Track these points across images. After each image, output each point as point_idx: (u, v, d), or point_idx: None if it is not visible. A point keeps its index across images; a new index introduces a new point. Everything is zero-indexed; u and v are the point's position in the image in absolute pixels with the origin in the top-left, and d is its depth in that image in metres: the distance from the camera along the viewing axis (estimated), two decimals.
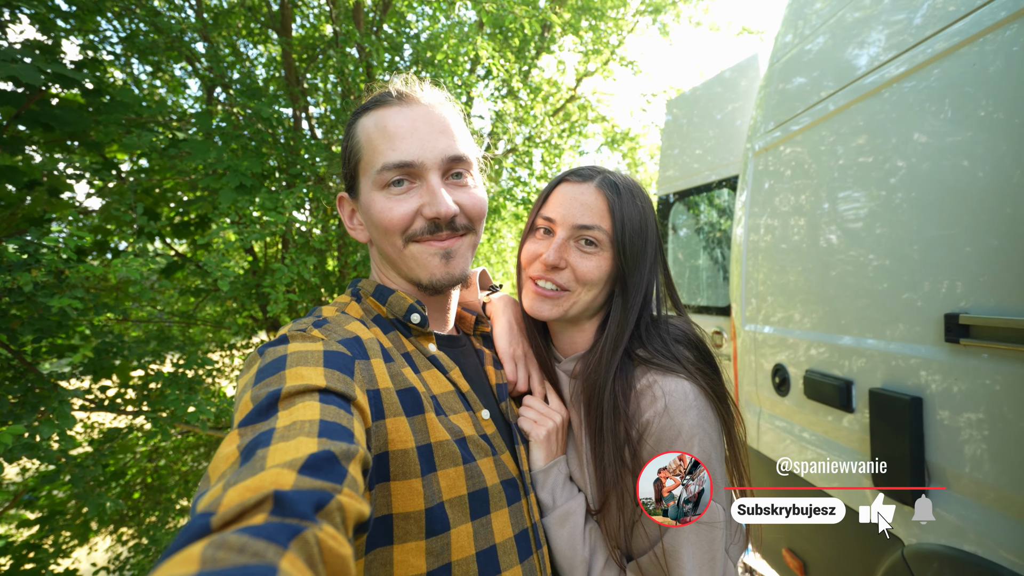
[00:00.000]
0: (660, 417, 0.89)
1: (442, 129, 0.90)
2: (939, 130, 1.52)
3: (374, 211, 0.90)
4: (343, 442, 0.56)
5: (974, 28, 1.42)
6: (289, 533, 0.41)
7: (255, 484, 0.46)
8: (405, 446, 0.76)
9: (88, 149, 3.28)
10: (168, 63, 4.85)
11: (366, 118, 0.93)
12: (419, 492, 0.75)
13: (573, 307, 1.01)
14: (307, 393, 0.63)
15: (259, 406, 0.60)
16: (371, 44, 4.38)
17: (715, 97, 4.14)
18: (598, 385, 0.96)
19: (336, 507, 0.47)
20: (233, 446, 0.55)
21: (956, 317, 1.38)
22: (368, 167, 0.90)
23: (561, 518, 0.94)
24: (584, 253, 0.99)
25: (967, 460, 1.37)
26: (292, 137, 4.35)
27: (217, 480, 0.51)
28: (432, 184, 0.88)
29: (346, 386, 0.68)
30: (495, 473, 0.87)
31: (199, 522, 0.41)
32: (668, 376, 0.92)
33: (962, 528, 1.37)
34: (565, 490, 0.98)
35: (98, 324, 3.45)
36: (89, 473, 2.95)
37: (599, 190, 1.00)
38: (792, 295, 2.24)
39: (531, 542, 0.89)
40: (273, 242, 5.11)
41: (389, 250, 0.93)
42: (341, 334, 0.82)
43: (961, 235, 1.42)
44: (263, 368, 0.69)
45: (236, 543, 0.38)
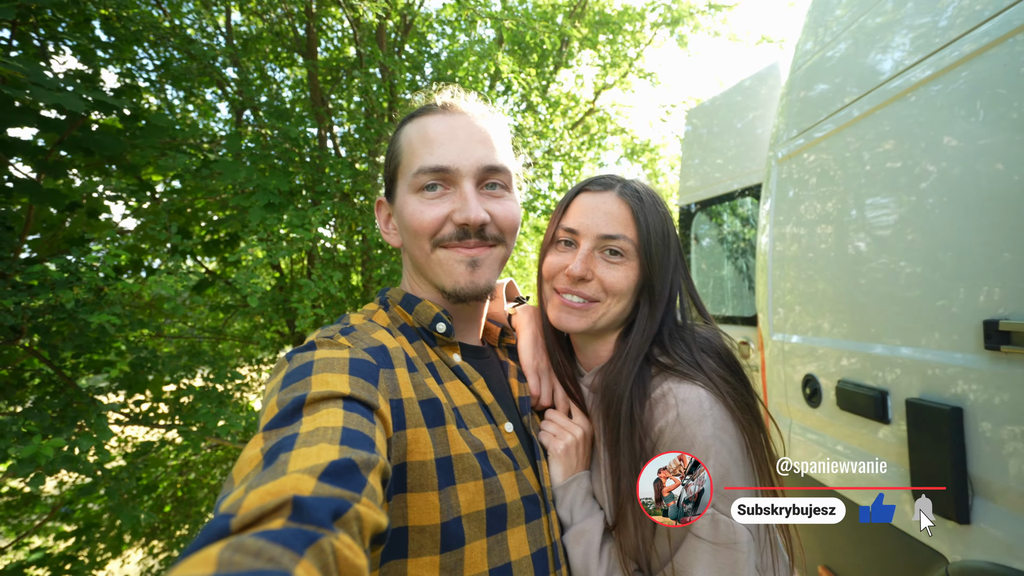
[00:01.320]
0: (672, 426, 0.85)
1: (482, 139, 0.91)
2: (970, 133, 1.49)
3: (406, 213, 0.90)
4: (364, 451, 0.56)
5: (1003, 29, 1.39)
6: (306, 540, 0.41)
7: (275, 488, 0.46)
8: (424, 458, 0.75)
9: (124, 172, 3.42)
10: (200, 88, 5.04)
11: (410, 125, 0.94)
12: (435, 506, 0.74)
13: (602, 319, 0.98)
14: (331, 400, 0.63)
15: (284, 411, 0.61)
16: (393, 64, 4.49)
17: (735, 106, 4.12)
18: (616, 395, 0.93)
19: (354, 516, 0.47)
20: (257, 449, 0.56)
21: (996, 324, 1.34)
22: (406, 171, 0.91)
23: (576, 536, 0.91)
24: (610, 263, 0.97)
25: (1014, 471, 1.31)
26: (317, 156, 4.47)
27: (240, 482, 0.51)
28: (465, 191, 0.88)
29: (370, 394, 0.68)
30: (516, 488, 0.85)
31: (219, 524, 0.42)
32: (684, 383, 0.88)
33: (1010, 544, 1.31)
34: (584, 507, 0.94)
35: (133, 340, 3.56)
36: (124, 486, 3.02)
37: (621, 198, 0.98)
38: (821, 304, 2.20)
39: (549, 561, 0.86)
40: (299, 258, 5.22)
41: (417, 254, 0.92)
42: (367, 342, 0.82)
43: (997, 240, 1.38)
44: (290, 373, 0.70)
45: (253, 547, 0.38)
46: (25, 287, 2.36)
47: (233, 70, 4.94)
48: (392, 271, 4.55)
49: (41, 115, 2.74)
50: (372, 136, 4.63)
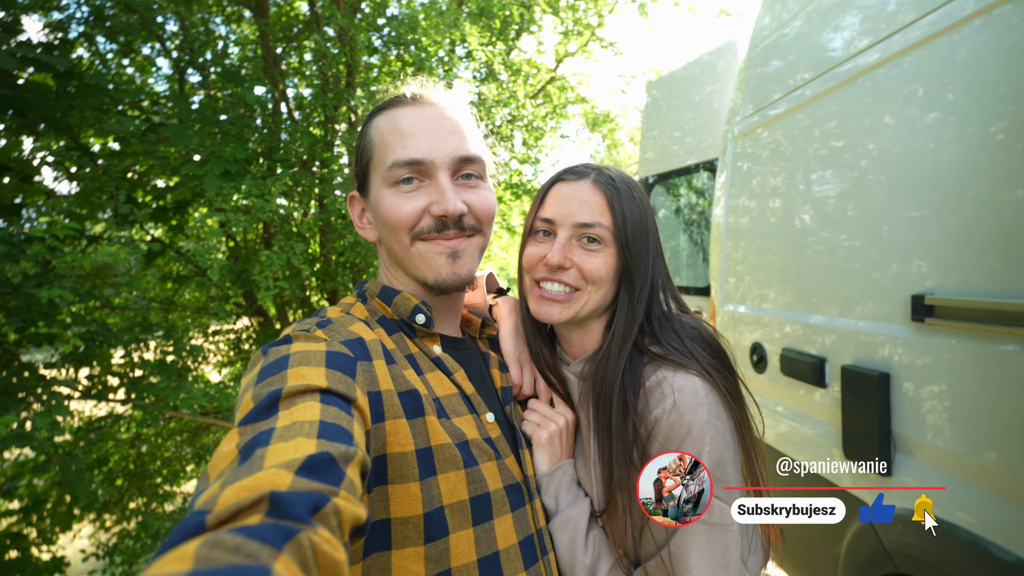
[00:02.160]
0: (669, 414, 0.86)
1: (454, 129, 0.91)
2: (909, 115, 1.58)
3: (382, 208, 0.90)
4: (342, 444, 0.55)
5: (945, 20, 1.47)
6: (284, 535, 0.40)
7: (252, 484, 0.45)
8: (403, 449, 0.75)
9: (59, 133, 3.19)
10: (137, 42, 4.68)
11: (380, 118, 0.93)
12: (417, 496, 0.74)
13: (584, 308, 0.99)
14: (308, 393, 0.63)
15: (259, 405, 0.60)
16: (352, 27, 4.29)
17: (694, 80, 4.18)
18: (607, 383, 0.93)
19: (332, 510, 0.47)
20: (232, 444, 0.55)
21: (922, 298, 1.47)
22: (379, 164, 0.91)
23: (563, 523, 0.92)
24: (588, 251, 0.97)
25: (929, 430, 1.47)
26: (272, 121, 4.26)
27: (215, 479, 0.51)
28: (441, 183, 0.88)
29: (347, 387, 0.68)
30: (499, 478, 0.85)
31: (194, 520, 0.41)
32: (679, 372, 0.90)
33: (923, 492, 1.48)
34: (569, 494, 0.95)
35: (79, 312, 3.39)
36: (77, 461, 2.93)
37: (596, 186, 0.99)
38: (768, 275, 2.33)
39: (536, 548, 0.88)
40: (253, 228, 5.05)
41: (396, 248, 0.92)
42: (344, 335, 0.81)
43: (928, 217, 1.50)
44: (265, 367, 0.69)
45: (231, 543, 0.38)
46: None
47: (174, 23, 4.61)
48: (356, 242, 4.46)
49: None
50: (330, 101, 4.45)
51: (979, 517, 1.33)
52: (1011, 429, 1.26)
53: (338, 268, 4.93)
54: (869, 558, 1.64)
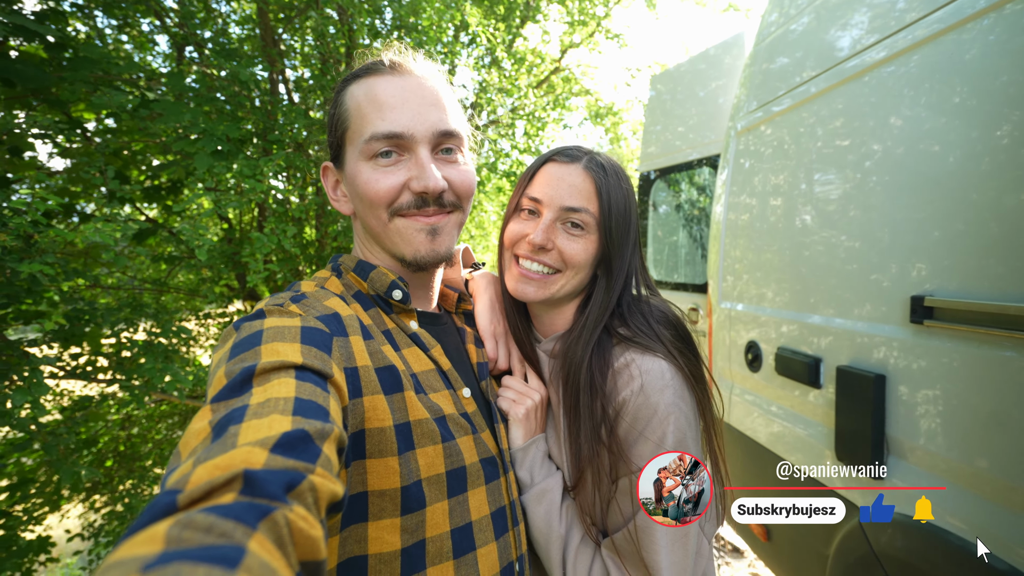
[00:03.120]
0: (636, 396, 0.90)
1: (434, 102, 0.88)
2: (915, 116, 1.55)
3: (359, 182, 0.87)
4: (318, 421, 0.55)
5: (954, 17, 1.44)
6: (258, 513, 0.40)
7: (225, 462, 0.45)
8: (382, 424, 0.75)
9: (51, 107, 3.13)
10: (135, 17, 4.61)
11: (356, 86, 0.90)
12: (395, 470, 0.74)
13: (560, 290, 1.01)
14: (283, 370, 0.62)
15: (233, 382, 0.59)
16: (352, 7, 4.23)
17: (699, 74, 4.13)
18: (576, 363, 0.96)
19: (308, 487, 0.47)
20: (205, 422, 0.54)
21: (921, 299, 1.44)
22: (356, 136, 0.88)
23: (538, 495, 0.95)
24: (571, 235, 0.99)
25: (923, 433, 1.45)
26: (269, 101, 4.20)
27: (187, 456, 0.50)
28: (421, 158, 0.86)
29: (323, 363, 0.67)
30: (475, 451, 0.87)
31: (165, 500, 0.40)
32: (646, 355, 0.93)
33: (915, 497, 1.46)
34: (543, 468, 0.98)
35: (67, 290, 3.35)
36: (62, 441, 2.91)
37: (587, 172, 0.99)
38: (767, 274, 2.30)
39: (508, 519, 0.90)
40: (248, 209, 4.99)
41: (373, 223, 0.90)
42: (320, 310, 0.80)
43: (929, 219, 1.47)
44: (238, 343, 0.67)
45: (203, 523, 0.37)
46: None
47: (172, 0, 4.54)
48: (349, 227, 4.42)
49: None
50: (328, 84, 4.39)
51: (971, 523, 1.31)
52: (1007, 435, 1.23)
53: (332, 252, 4.90)
54: (857, 561, 1.63)
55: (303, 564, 0.42)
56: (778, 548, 2.20)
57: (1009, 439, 1.23)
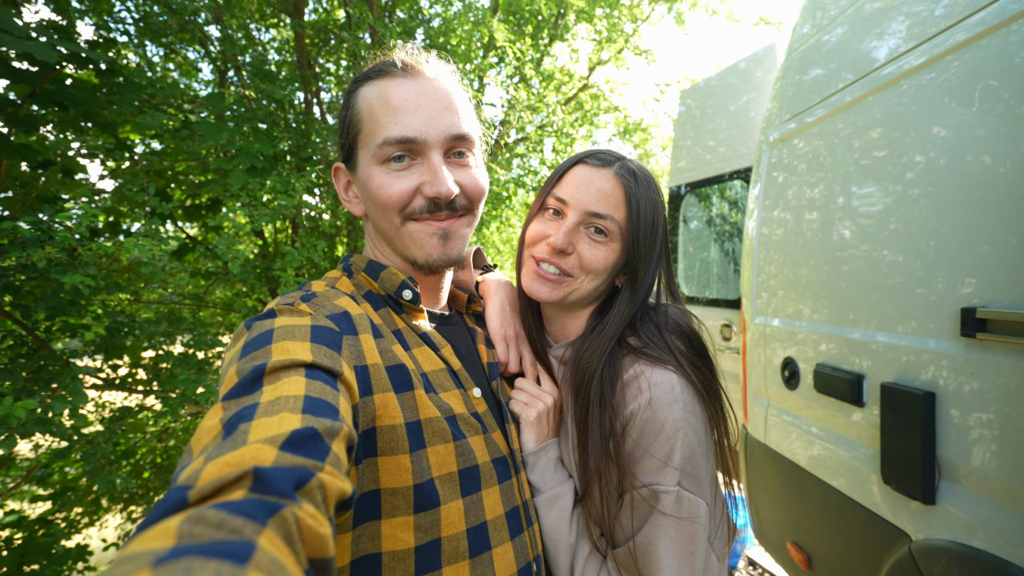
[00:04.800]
0: (644, 410, 0.87)
1: (447, 105, 0.87)
2: (959, 123, 1.49)
3: (372, 186, 0.87)
4: (327, 419, 0.55)
5: (997, 17, 1.38)
6: (268, 510, 0.40)
7: (235, 459, 0.45)
8: (393, 422, 0.75)
9: (101, 130, 3.30)
10: (181, 46, 4.85)
11: (367, 87, 0.89)
12: (407, 468, 0.74)
13: (573, 294, 0.99)
14: (293, 368, 0.62)
15: (244, 380, 0.60)
16: (384, 28, 4.36)
17: (729, 88, 4.09)
18: (587, 373, 0.94)
19: (317, 485, 0.47)
20: (216, 419, 0.55)
21: (973, 311, 1.36)
22: (368, 140, 0.87)
23: (550, 500, 0.94)
24: (593, 241, 0.96)
25: (979, 455, 1.36)
26: (303, 121, 4.34)
27: (199, 453, 0.50)
28: (434, 162, 0.85)
29: (333, 361, 0.67)
30: (486, 451, 0.86)
31: (176, 495, 0.41)
32: (656, 368, 0.90)
33: (972, 525, 1.36)
34: (556, 474, 0.96)
35: (110, 304, 3.48)
36: (100, 451, 2.99)
37: (617, 178, 0.96)
38: (803, 289, 2.22)
39: (522, 519, 0.89)
40: (283, 226, 5.13)
41: (386, 227, 0.90)
42: (330, 309, 0.81)
43: (979, 231, 1.40)
44: (249, 342, 0.68)
45: (214, 518, 0.37)
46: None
47: (216, 28, 4.76)
48: None
49: (11, 66, 2.62)
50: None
51: None
52: None
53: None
54: None
55: (311, 561, 0.43)
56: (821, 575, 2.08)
57: None
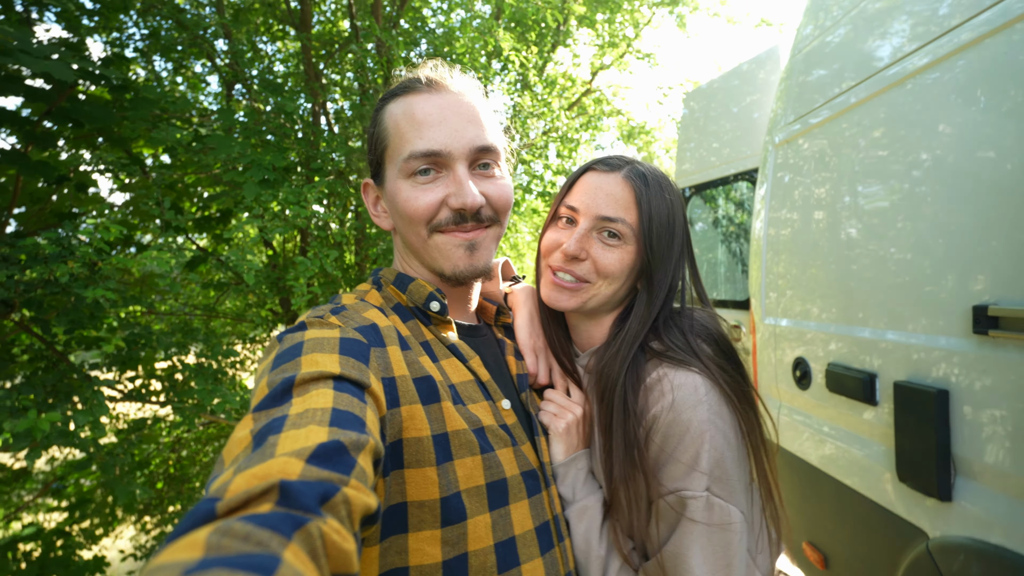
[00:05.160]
0: (667, 413, 0.85)
1: (471, 118, 0.89)
2: (965, 122, 1.50)
3: (399, 200, 0.89)
4: (354, 432, 0.56)
5: (1002, 18, 1.40)
6: (293, 524, 0.41)
7: (263, 472, 0.46)
8: (420, 434, 0.75)
9: (114, 145, 3.36)
10: (189, 60, 4.93)
11: (394, 104, 0.91)
12: (434, 481, 0.74)
13: (592, 300, 0.98)
14: (321, 380, 0.63)
15: (274, 391, 0.61)
16: (390, 39, 4.41)
17: (732, 90, 4.11)
18: (610, 380, 0.92)
19: (342, 500, 0.47)
20: (247, 431, 0.56)
21: (985, 309, 1.37)
22: (395, 155, 0.89)
23: (579, 512, 0.92)
24: (606, 245, 0.96)
25: (994, 451, 1.36)
26: (311, 132, 4.40)
27: (229, 464, 0.52)
28: (459, 174, 0.87)
29: (360, 373, 0.68)
30: (515, 464, 0.85)
31: (204, 507, 0.42)
32: (679, 370, 0.88)
33: (989, 521, 1.37)
34: (586, 485, 0.94)
35: (124, 316, 3.53)
36: (118, 461, 3.03)
37: (626, 181, 0.96)
38: (812, 288, 2.23)
39: (553, 535, 0.87)
40: (291, 236, 5.18)
41: (413, 239, 0.92)
42: (358, 321, 0.82)
43: (987, 228, 1.41)
44: (280, 354, 0.70)
45: (241, 531, 0.38)
46: (15, 261, 2.33)
47: (223, 42, 4.83)
48: (388, 250, 4.52)
49: (27, 84, 2.67)
50: (368, 113, 4.58)
51: None
52: None
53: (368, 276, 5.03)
54: None
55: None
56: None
57: None
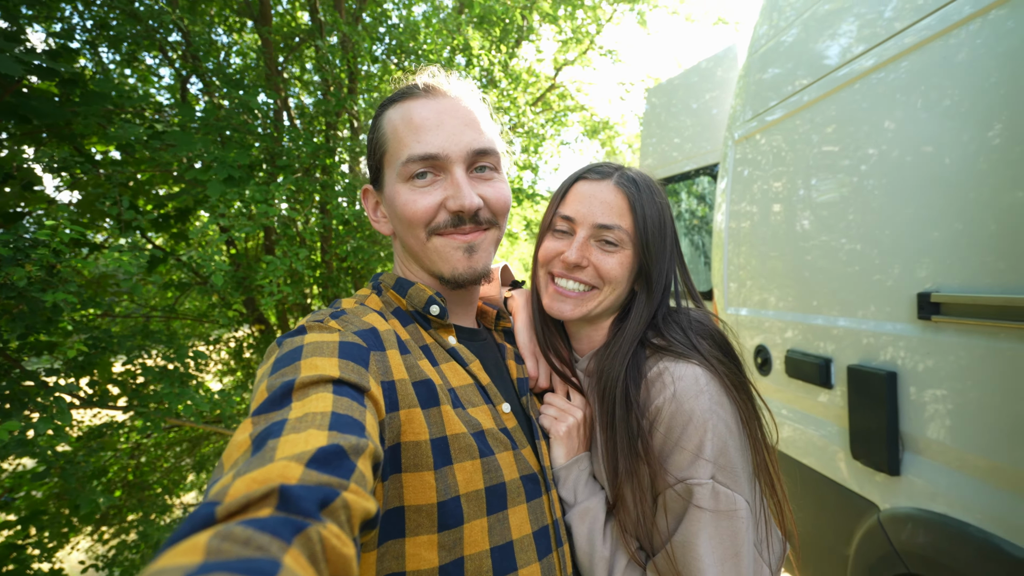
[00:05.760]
0: (669, 403, 0.86)
1: (468, 122, 0.90)
2: (908, 120, 1.60)
3: (398, 203, 0.90)
4: (353, 436, 0.56)
5: (941, 23, 1.50)
6: (293, 529, 0.41)
7: (262, 476, 0.46)
8: (418, 438, 0.75)
9: (63, 141, 3.20)
10: (139, 52, 4.72)
11: (392, 110, 0.92)
12: (431, 485, 0.74)
13: (598, 307, 1.00)
14: (321, 384, 0.63)
15: (273, 395, 0.61)
16: (355, 34, 4.33)
17: (692, 87, 4.21)
18: (611, 377, 0.94)
19: (341, 505, 0.48)
20: (246, 434, 0.56)
21: (928, 296, 1.48)
22: (393, 159, 0.90)
23: (581, 514, 0.92)
24: (606, 251, 0.98)
25: (937, 428, 1.47)
26: (274, 128, 4.29)
27: (229, 468, 0.52)
28: (457, 177, 0.88)
29: (360, 377, 0.69)
30: (515, 468, 0.85)
31: (204, 512, 0.42)
32: (680, 362, 0.90)
33: (933, 492, 1.48)
34: (587, 487, 0.95)
35: (80, 320, 3.38)
36: (78, 470, 2.91)
37: (619, 188, 0.99)
38: (771, 279, 2.34)
39: (551, 540, 0.87)
40: (254, 235, 5.05)
41: (412, 243, 0.92)
42: (358, 325, 0.82)
43: (929, 219, 1.51)
44: (280, 358, 0.70)
45: (241, 535, 0.38)
46: None
47: (177, 34, 4.65)
48: (359, 248, 4.46)
49: None
50: (332, 108, 4.48)
51: (989, 514, 1.33)
52: (1020, 425, 1.26)
53: (340, 274, 4.94)
54: (879, 559, 1.63)
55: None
56: (796, 550, 2.19)
57: (1023, 429, 1.25)
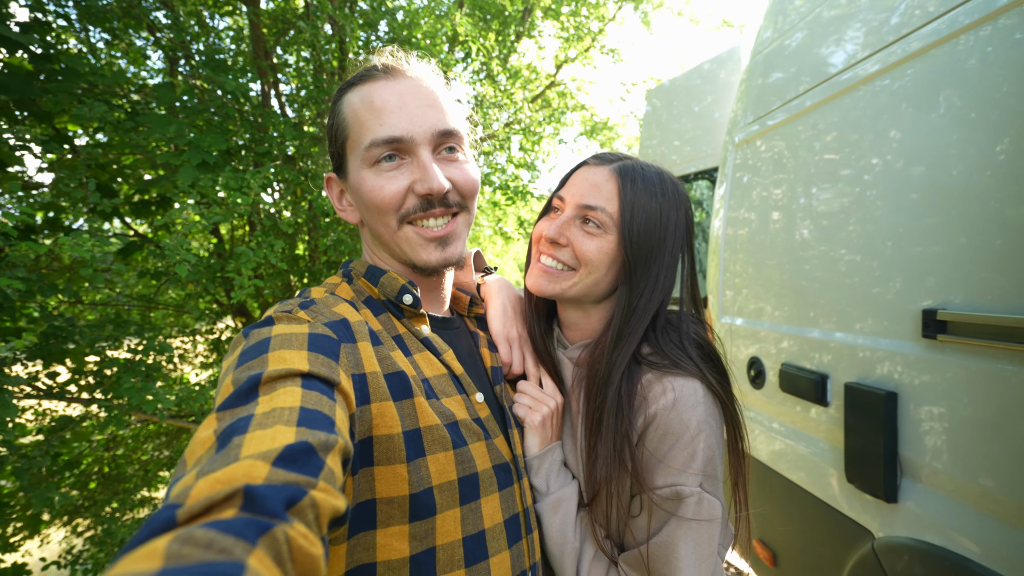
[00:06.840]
0: (669, 411, 0.88)
1: (431, 103, 0.87)
2: (913, 128, 1.52)
3: (364, 189, 0.87)
4: (322, 431, 0.55)
5: (949, 28, 1.42)
6: (258, 530, 0.40)
7: (226, 476, 0.44)
8: (390, 431, 0.74)
9: (38, 120, 3.07)
10: (127, 32, 4.58)
11: (352, 94, 0.89)
12: (404, 478, 0.74)
13: (573, 287, 0.99)
14: (289, 378, 0.62)
15: (239, 390, 0.59)
16: (344, 19, 4.21)
17: (694, 89, 4.14)
18: (601, 380, 0.94)
19: (309, 504, 0.46)
20: (210, 431, 0.54)
21: (934, 313, 1.39)
22: (356, 144, 0.87)
23: (554, 505, 0.94)
24: (586, 233, 0.97)
25: (939, 455, 1.39)
26: (260, 114, 4.16)
27: (192, 466, 0.50)
28: (423, 159, 0.85)
29: (330, 370, 0.67)
30: (487, 458, 0.86)
31: (164, 515, 0.40)
32: (678, 372, 0.92)
33: (933, 522, 1.39)
34: (560, 477, 0.97)
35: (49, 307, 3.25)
36: (36, 464, 2.78)
37: (613, 173, 0.98)
38: (767, 288, 2.25)
39: (521, 527, 0.88)
40: (240, 224, 4.92)
41: (382, 230, 0.90)
42: (328, 316, 0.80)
43: (934, 232, 1.43)
44: (246, 350, 0.67)
45: (203, 538, 0.37)
46: None
47: (164, 14, 4.51)
48: (340, 240, 4.35)
49: None
50: (321, 97, 4.36)
51: (990, 549, 1.25)
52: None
53: (323, 267, 4.83)
54: None
55: None
56: (785, 574, 2.11)
57: None
